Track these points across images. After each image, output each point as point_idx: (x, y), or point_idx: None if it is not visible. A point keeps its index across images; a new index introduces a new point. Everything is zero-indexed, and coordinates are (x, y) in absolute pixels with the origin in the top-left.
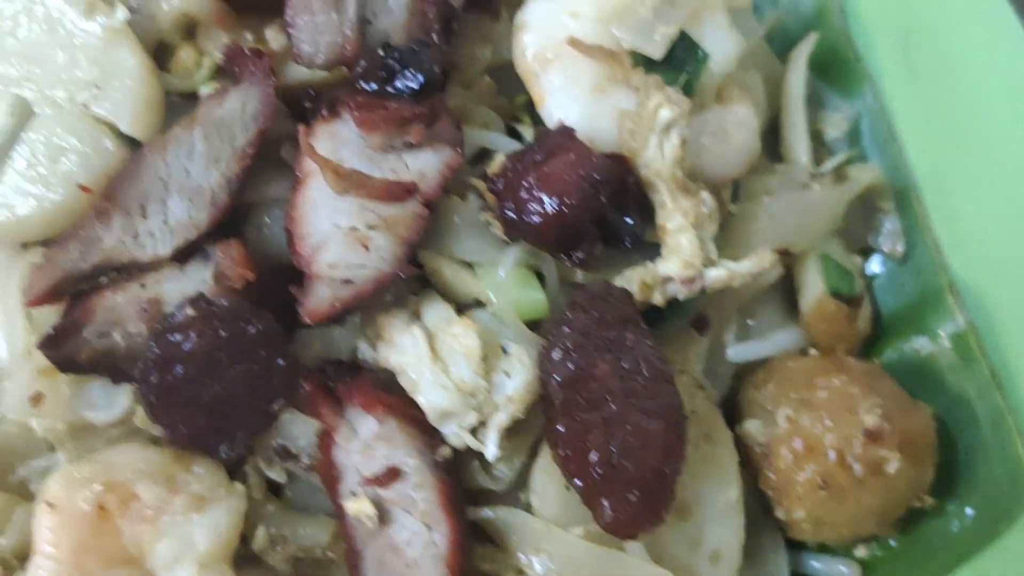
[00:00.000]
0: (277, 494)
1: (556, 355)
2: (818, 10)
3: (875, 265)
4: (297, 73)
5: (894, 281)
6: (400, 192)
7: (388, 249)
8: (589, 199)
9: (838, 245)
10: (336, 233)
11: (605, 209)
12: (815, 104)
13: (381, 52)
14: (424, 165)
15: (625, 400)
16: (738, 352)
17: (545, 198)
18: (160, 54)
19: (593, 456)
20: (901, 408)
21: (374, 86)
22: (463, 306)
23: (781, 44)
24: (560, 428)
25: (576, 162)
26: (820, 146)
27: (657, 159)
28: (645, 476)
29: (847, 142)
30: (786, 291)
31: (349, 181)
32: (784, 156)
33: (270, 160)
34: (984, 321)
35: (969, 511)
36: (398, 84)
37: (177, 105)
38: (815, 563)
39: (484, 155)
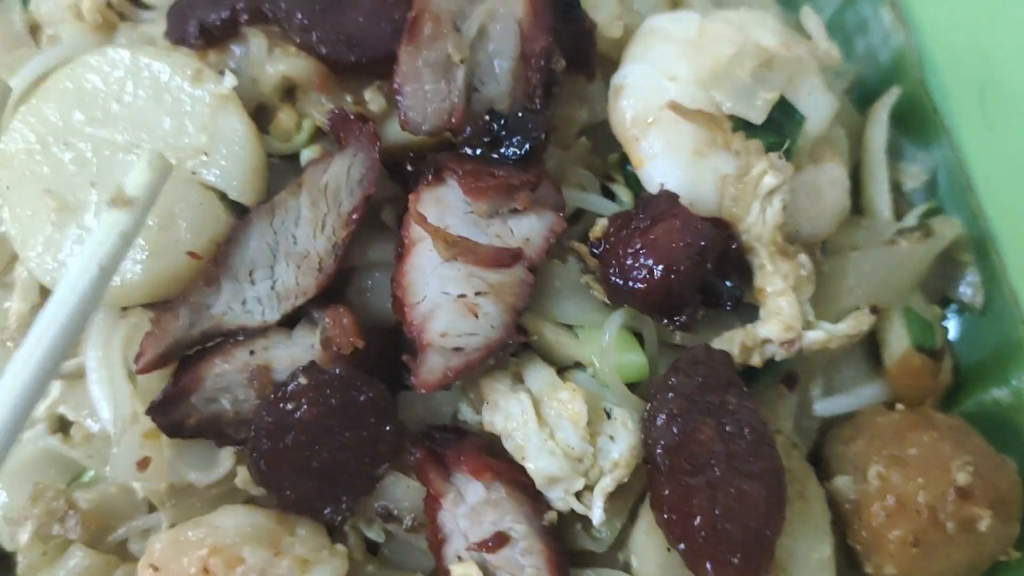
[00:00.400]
0: (374, 553)
1: (661, 420)
2: (896, 62)
3: (954, 316)
4: (397, 135)
5: (973, 332)
6: (507, 258)
7: (497, 316)
8: (695, 266)
9: (919, 296)
10: (445, 301)
11: (708, 274)
12: (893, 155)
13: (487, 118)
14: (529, 230)
15: (728, 464)
16: (825, 407)
17: (652, 264)
18: (260, 115)
19: (698, 520)
20: (991, 465)
21: (479, 151)
22: (563, 368)
23: (859, 94)
24: (666, 492)
25: (682, 229)
26: (898, 197)
27: (759, 224)
28: (747, 539)
29: (924, 193)
30: (868, 343)
31: (458, 248)
32: (865, 209)
33: (371, 223)
34: None
35: None
36: (504, 151)
37: (276, 167)
38: None
39: (579, 215)
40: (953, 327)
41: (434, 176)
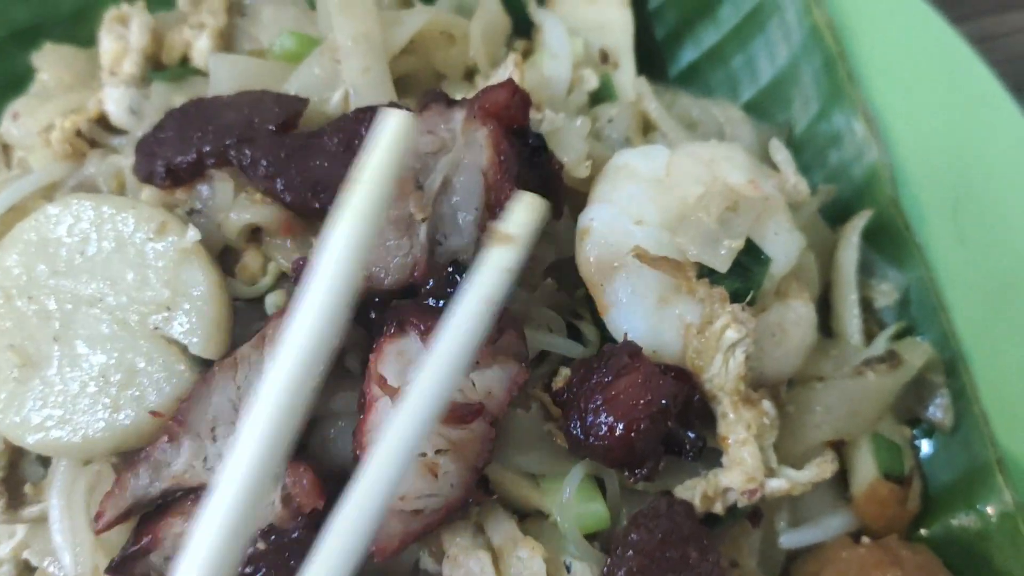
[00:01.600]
0: None
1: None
2: (869, 178)
3: (924, 437)
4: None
5: (943, 454)
6: (469, 415)
7: (456, 475)
8: (657, 423)
9: (889, 418)
10: None
11: (670, 426)
12: (865, 272)
13: (450, 270)
14: (491, 383)
15: None
16: (790, 539)
17: (612, 422)
18: (225, 256)
19: None
20: None
21: (441, 303)
22: (525, 515)
23: (832, 210)
24: None
25: (644, 385)
26: (869, 315)
27: (721, 375)
28: None
29: (896, 311)
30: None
31: None
32: (835, 330)
33: (335, 371)
34: None
35: None
36: None
37: (242, 311)
38: None
39: (544, 356)
40: (924, 447)
41: (396, 328)
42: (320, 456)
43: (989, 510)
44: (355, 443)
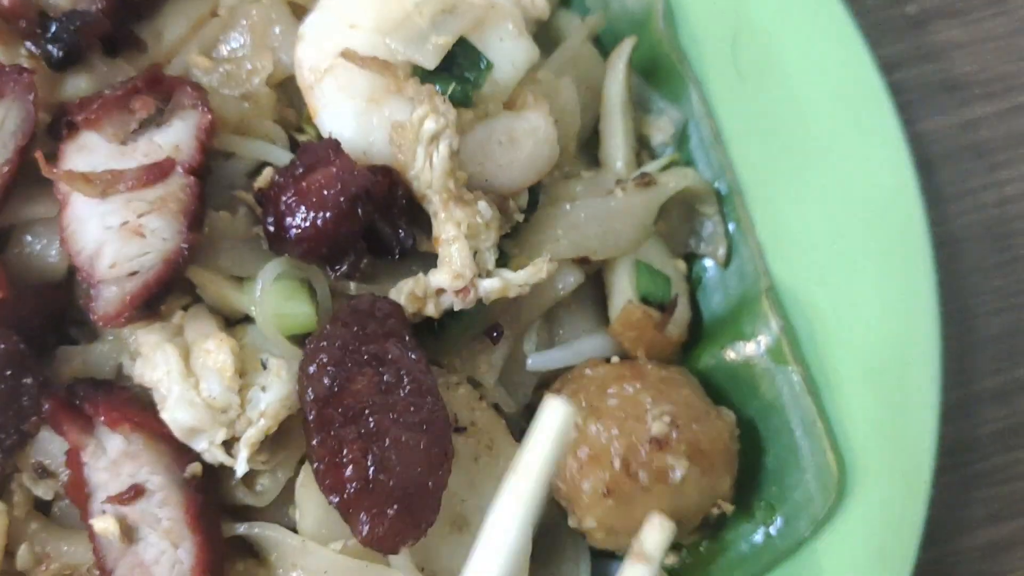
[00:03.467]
0: (47, 512)
1: (313, 370)
2: (645, 11)
3: (703, 271)
4: (72, 91)
5: (718, 286)
6: (158, 172)
7: (166, 228)
8: (347, 213)
9: (660, 249)
10: (109, 235)
11: (372, 222)
12: (641, 108)
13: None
14: (176, 138)
15: (385, 414)
16: (538, 361)
17: (303, 212)
18: None
19: (349, 471)
20: (693, 415)
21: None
22: (237, 322)
23: (609, 43)
24: (314, 444)
25: (335, 176)
26: (646, 151)
27: (427, 171)
28: (405, 489)
29: (675, 147)
30: (600, 299)
31: (102, 183)
32: (602, 161)
33: (34, 179)
34: (804, 326)
35: (779, 518)
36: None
37: None
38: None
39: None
40: (704, 282)
41: (68, 127)
42: (18, 265)
43: (758, 338)
44: (61, 241)
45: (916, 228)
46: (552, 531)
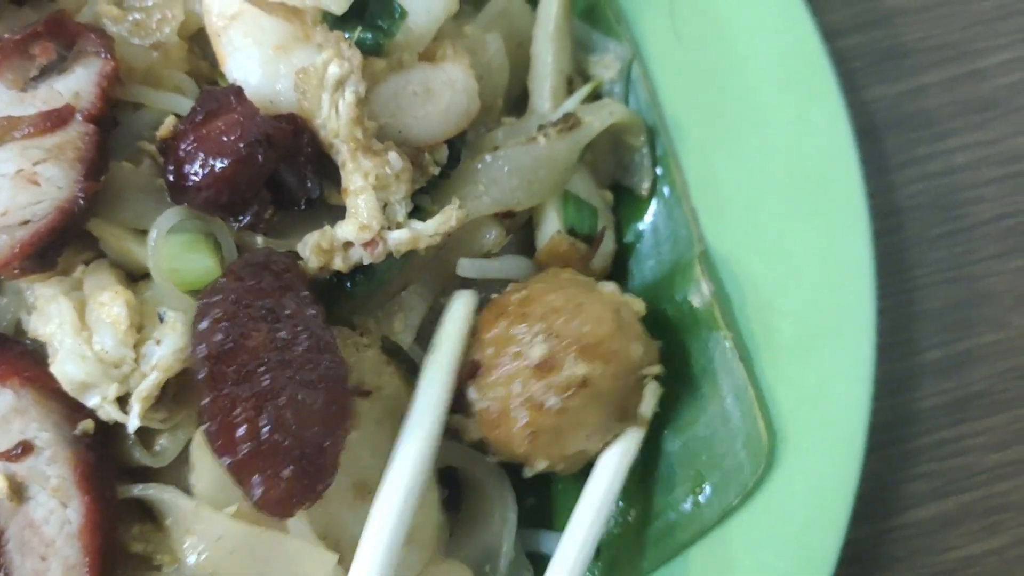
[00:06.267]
0: None
1: (204, 325)
2: None
3: (637, 237)
4: None
5: (652, 252)
6: (56, 119)
7: (62, 176)
8: (247, 161)
9: (587, 180)
10: (2, 183)
11: (276, 171)
12: (585, 49)
13: None
14: (77, 85)
15: (280, 372)
16: (466, 268)
17: (201, 159)
18: None
19: (241, 431)
20: (568, 315)
21: None
22: (142, 277)
23: None
24: (205, 403)
25: (235, 123)
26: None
27: (332, 119)
28: (302, 450)
29: (622, 84)
30: (529, 243)
31: None
32: (529, 107)
33: None
34: (736, 292)
35: (708, 487)
36: None
37: None
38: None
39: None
40: (637, 245)
41: None
42: None
43: (690, 300)
44: None
45: (854, 195)
46: (476, 487)
